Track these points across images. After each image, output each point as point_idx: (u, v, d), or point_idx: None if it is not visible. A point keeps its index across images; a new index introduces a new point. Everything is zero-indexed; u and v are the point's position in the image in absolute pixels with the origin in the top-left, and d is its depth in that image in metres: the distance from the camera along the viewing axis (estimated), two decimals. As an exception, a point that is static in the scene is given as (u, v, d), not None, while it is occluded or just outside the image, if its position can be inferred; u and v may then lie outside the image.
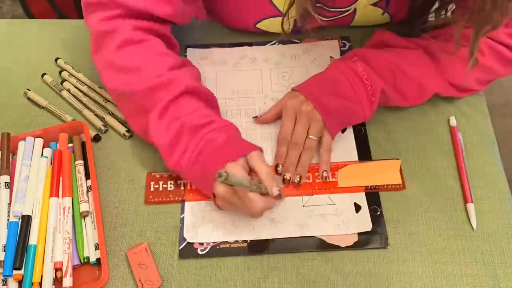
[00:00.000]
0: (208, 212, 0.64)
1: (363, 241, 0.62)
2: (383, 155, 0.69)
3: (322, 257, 0.61)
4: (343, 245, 0.62)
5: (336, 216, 0.64)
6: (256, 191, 0.57)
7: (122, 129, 0.72)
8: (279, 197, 0.62)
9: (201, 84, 0.67)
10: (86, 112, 0.74)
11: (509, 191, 0.66)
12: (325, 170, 0.67)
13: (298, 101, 0.68)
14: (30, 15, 1.43)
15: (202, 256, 0.62)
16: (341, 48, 0.80)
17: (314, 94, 0.68)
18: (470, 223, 0.63)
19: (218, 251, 0.62)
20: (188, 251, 0.62)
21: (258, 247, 0.62)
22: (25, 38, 0.84)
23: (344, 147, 0.70)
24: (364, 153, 0.69)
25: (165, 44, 0.68)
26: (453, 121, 0.70)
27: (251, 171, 0.61)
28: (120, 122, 0.73)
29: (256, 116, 0.72)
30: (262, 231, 0.63)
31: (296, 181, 0.66)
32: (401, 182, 0.66)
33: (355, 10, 0.74)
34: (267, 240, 0.62)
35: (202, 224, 0.64)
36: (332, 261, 0.61)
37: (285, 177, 0.66)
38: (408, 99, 0.70)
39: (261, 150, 0.63)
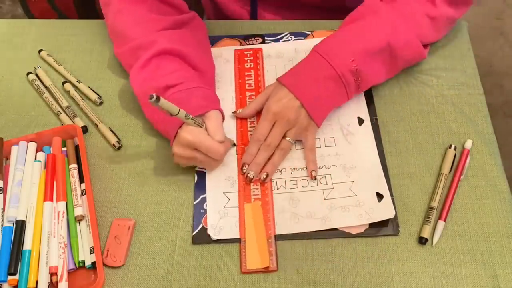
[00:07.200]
0: (229, 208, 0.68)
1: (375, 228, 0.65)
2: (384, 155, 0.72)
3: (322, 257, 0.64)
4: (354, 232, 0.65)
5: (358, 207, 0.66)
6: (190, 124, 0.65)
7: (113, 139, 0.74)
8: (229, 143, 0.71)
9: (189, 46, 0.74)
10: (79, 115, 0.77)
11: (509, 191, 0.68)
12: (313, 170, 0.70)
13: (282, 104, 0.70)
14: (30, 15, 1.46)
15: (215, 241, 0.65)
16: None
17: (306, 97, 0.70)
18: (432, 238, 0.65)
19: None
20: (202, 237, 0.66)
21: None
22: (25, 38, 0.87)
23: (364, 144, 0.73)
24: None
25: (162, 6, 0.75)
26: (468, 144, 0.71)
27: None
28: (112, 131, 0.75)
29: (235, 111, 0.76)
30: (284, 226, 0.66)
31: (262, 178, 0.69)
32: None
33: None
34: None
35: (224, 221, 0.67)
36: (332, 261, 0.64)
37: (248, 175, 0.69)
38: (394, 73, 0.77)
39: (220, 111, 0.69)
